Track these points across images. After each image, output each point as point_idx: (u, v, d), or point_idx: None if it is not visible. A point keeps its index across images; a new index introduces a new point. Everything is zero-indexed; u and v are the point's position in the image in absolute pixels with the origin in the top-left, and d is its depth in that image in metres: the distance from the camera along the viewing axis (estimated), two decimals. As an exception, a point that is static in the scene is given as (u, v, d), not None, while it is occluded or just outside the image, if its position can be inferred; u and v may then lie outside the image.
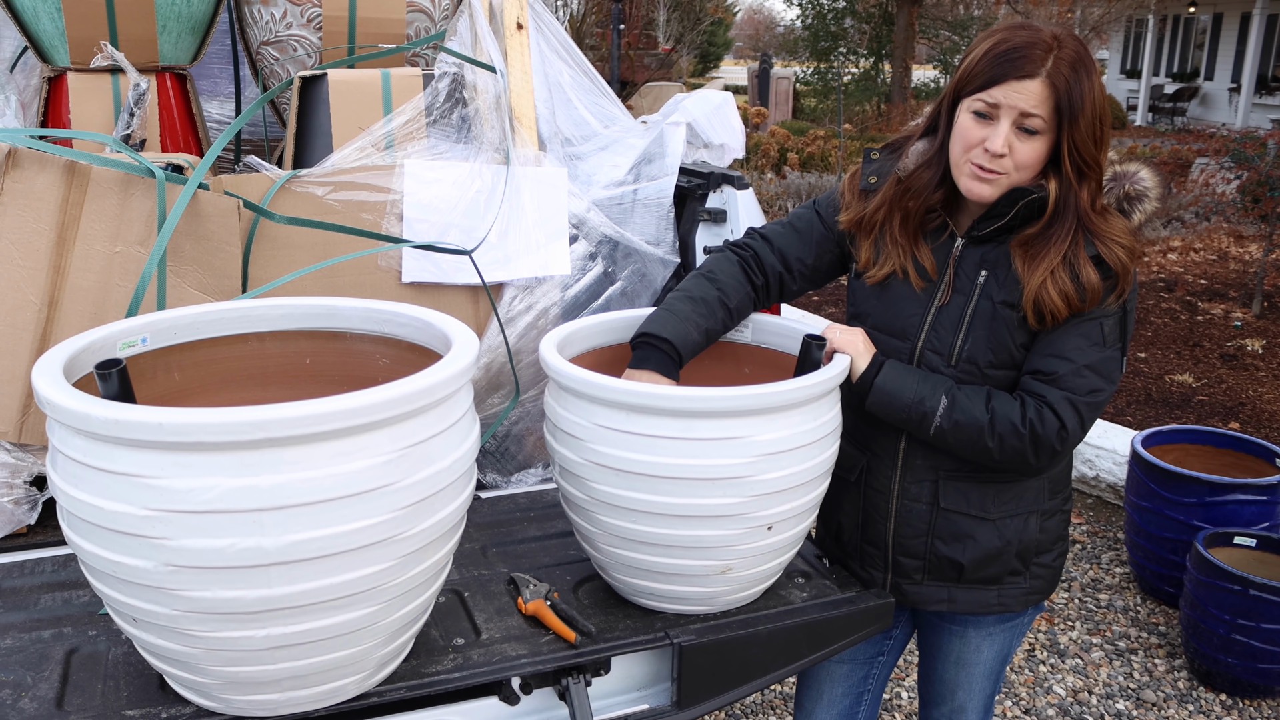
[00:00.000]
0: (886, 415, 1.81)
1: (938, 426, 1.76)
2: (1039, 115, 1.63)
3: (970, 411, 1.74)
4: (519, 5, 2.53)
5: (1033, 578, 1.94)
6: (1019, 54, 1.64)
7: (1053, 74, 1.62)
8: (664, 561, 1.74)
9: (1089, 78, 1.65)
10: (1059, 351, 1.72)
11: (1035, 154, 1.66)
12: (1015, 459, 1.75)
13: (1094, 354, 1.72)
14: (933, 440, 1.79)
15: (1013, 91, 1.64)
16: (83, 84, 2.62)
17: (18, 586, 1.92)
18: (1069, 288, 1.68)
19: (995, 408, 1.74)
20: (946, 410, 1.75)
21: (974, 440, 1.75)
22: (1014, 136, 1.66)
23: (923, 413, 1.76)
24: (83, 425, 1.33)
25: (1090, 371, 1.72)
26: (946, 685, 2.12)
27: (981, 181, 1.70)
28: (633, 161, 2.62)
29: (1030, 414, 1.72)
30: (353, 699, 1.59)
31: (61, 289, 2.10)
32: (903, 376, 1.79)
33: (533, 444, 2.44)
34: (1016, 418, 1.72)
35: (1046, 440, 1.72)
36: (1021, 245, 1.73)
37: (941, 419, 1.75)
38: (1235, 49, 21.53)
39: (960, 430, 1.75)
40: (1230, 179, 7.39)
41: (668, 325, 1.83)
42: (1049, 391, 1.72)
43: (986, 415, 1.73)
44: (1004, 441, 1.73)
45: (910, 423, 1.79)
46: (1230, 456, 3.89)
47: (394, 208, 2.29)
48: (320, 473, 1.35)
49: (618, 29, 10.20)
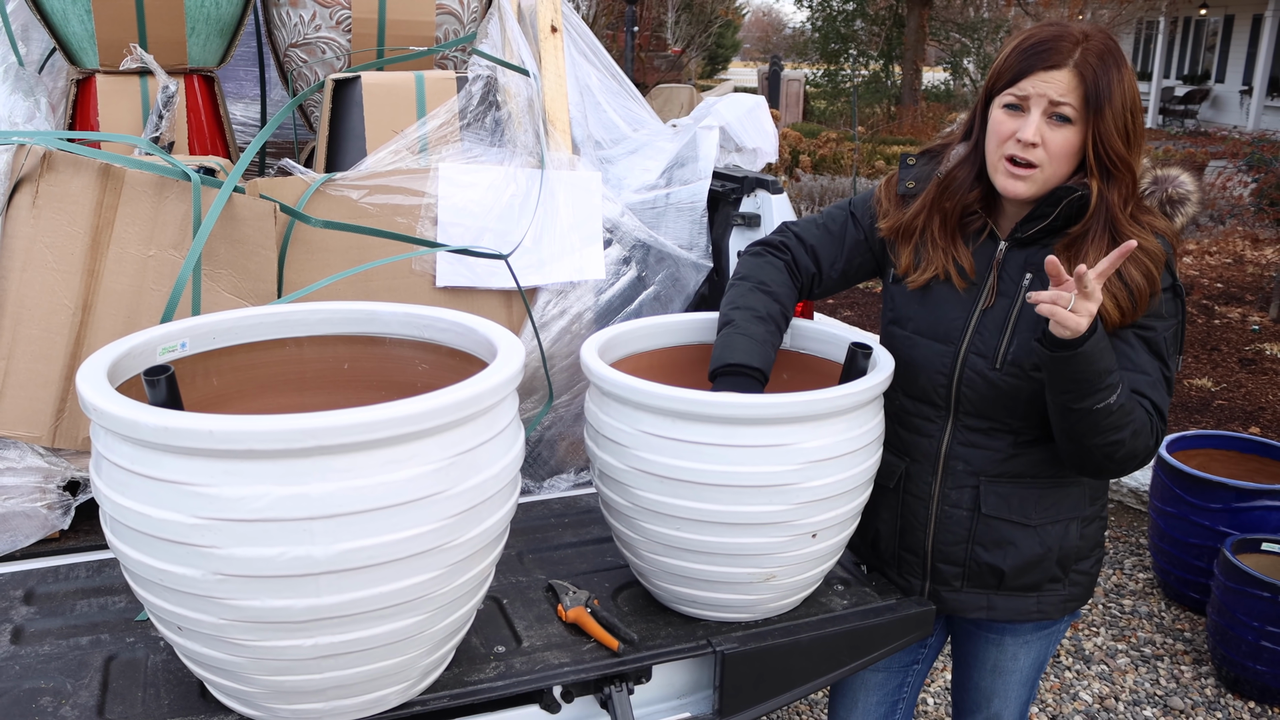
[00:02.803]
0: (1071, 374, 1.62)
1: (1110, 403, 1.63)
2: (1069, 103, 1.64)
3: (1131, 401, 1.67)
4: (553, 8, 2.53)
5: (1071, 585, 1.92)
6: (1046, 46, 1.66)
7: (1080, 64, 1.64)
8: (707, 569, 1.72)
9: (1118, 70, 1.65)
10: (1139, 365, 1.70)
11: (1068, 143, 1.66)
12: (1123, 459, 1.68)
13: (1160, 366, 1.72)
14: (1085, 415, 1.64)
15: (1041, 82, 1.65)
16: (111, 86, 2.62)
17: (53, 592, 1.92)
18: (1117, 289, 1.67)
19: (1137, 402, 1.69)
20: (1122, 390, 1.65)
21: (1119, 429, 1.65)
22: (1045, 126, 1.66)
23: (1109, 384, 1.63)
24: (131, 432, 1.33)
25: (1163, 383, 1.72)
26: (982, 693, 2.10)
27: (1015, 178, 1.70)
28: (664, 165, 2.61)
29: (1150, 419, 1.69)
30: (396, 708, 1.58)
31: (95, 292, 2.09)
32: (1105, 343, 1.63)
33: (565, 449, 2.43)
34: (1145, 419, 1.68)
35: (1148, 449, 1.69)
36: (1065, 249, 1.72)
37: (1117, 398, 1.64)
38: (1247, 51, 21.48)
39: (1122, 415, 1.64)
40: (1248, 182, 7.35)
41: (753, 352, 1.79)
42: (1143, 401, 1.69)
43: (1138, 410, 1.68)
44: (1136, 439, 1.67)
45: (1088, 390, 1.62)
46: (1255, 462, 3.87)
47: (428, 211, 2.28)
48: (371, 481, 1.34)
49: (631, 31, 10.19)
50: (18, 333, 2.03)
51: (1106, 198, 1.68)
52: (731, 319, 1.86)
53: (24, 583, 1.94)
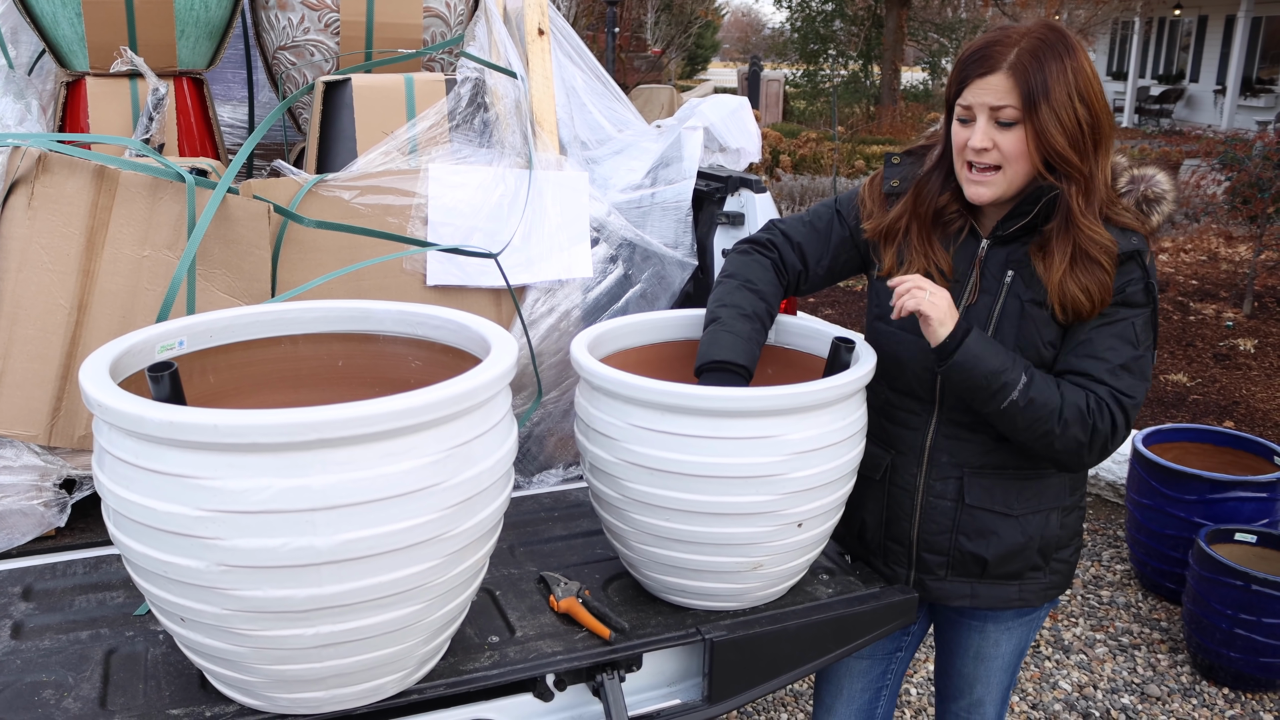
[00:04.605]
0: (962, 382, 1.75)
1: (1013, 401, 1.71)
2: (1009, 105, 1.67)
3: (1045, 392, 1.72)
4: (540, 11, 2.56)
5: (1051, 573, 1.97)
6: (980, 54, 1.71)
7: (1014, 65, 1.67)
8: (696, 559, 1.77)
9: (1059, 61, 1.67)
10: (1095, 352, 1.75)
11: (1019, 143, 1.69)
12: (1070, 448, 1.74)
13: (1128, 353, 1.75)
14: (998, 416, 1.75)
15: (980, 89, 1.69)
16: (101, 89, 2.63)
17: (51, 588, 1.94)
18: (1087, 282, 1.72)
19: (1065, 394, 1.73)
20: (1025, 386, 1.71)
21: (1041, 422, 1.72)
22: (995, 131, 1.70)
23: (1003, 384, 1.71)
24: (136, 427, 1.36)
25: (1125, 371, 1.75)
26: (965, 679, 2.15)
27: (977, 184, 1.75)
28: (649, 165, 2.65)
29: (1093, 405, 1.73)
30: (393, 696, 1.61)
31: (91, 293, 2.12)
32: (986, 345, 1.74)
33: (554, 444, 2.47)
34: (1083, 406, 1.72)
35: (1102, 434, 1.73)
36: (1038, 249, 1.77)
37: (1020, 394, 1.71)
38: (1220, 51, 21.71)
39: (1034, 409, 1.72)
40: (1221, 180, 7.46)
41: (738, 349, 1.83)
42: (1097, 388, 1.74)
43: (1059, 399, 1.72)
44: (1068, 428, 1.72)
45: (985, 393, 1.73)
46: (1229, 454, 3.94)
47: (419, 211, 2.31)
48: (370, 473, 1.38)
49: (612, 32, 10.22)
50: (14, 332, 2.06)
51: (1064, 196, 1.72)
52: (718, 316, 1.90)
53: (22, 579, 1.96)
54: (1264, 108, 20.06)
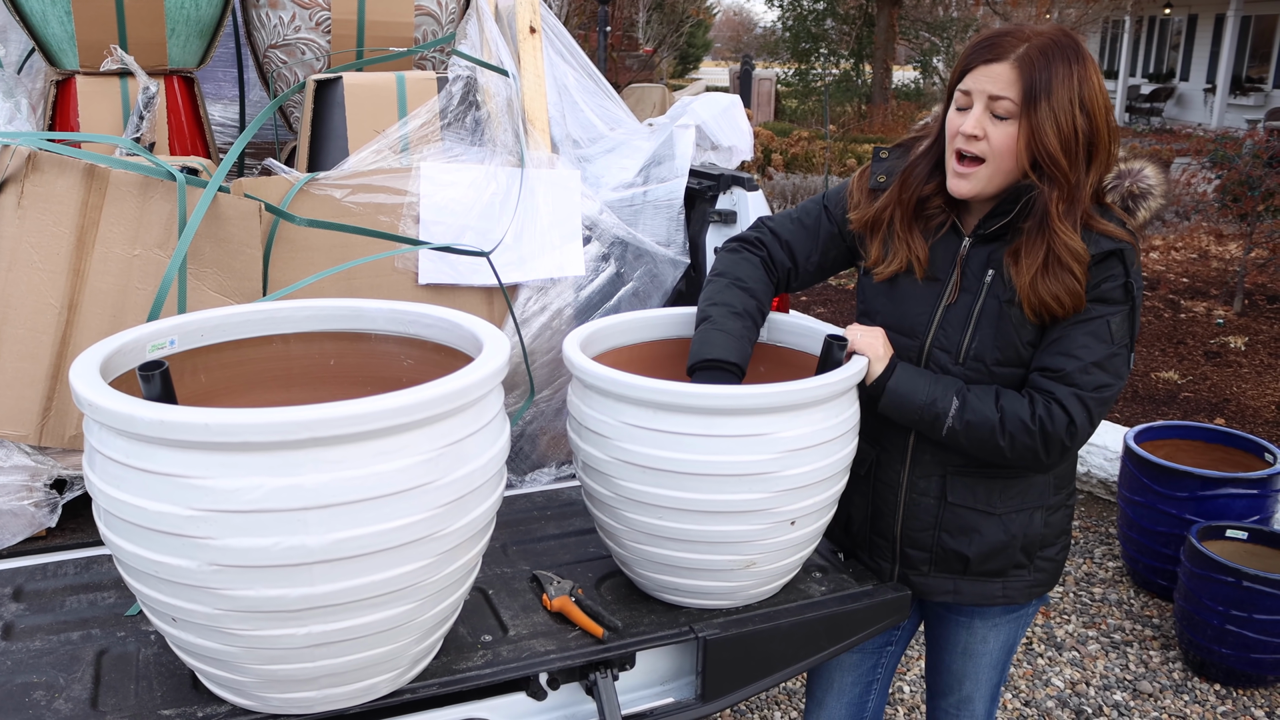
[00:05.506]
0: (900, 417, 1.84)
1: (950, 428, 1.78)
2: (1008, 97, 1.66)
3: (981, 411, 1.77)
4: (531, 9, 2.56)
5: (1036, 570, 1.97)
6: (989, 41, 1.70)
7: (1022, 58, 1.66)
8: (689, 557, 1.77)
9: (1067, 66, 1.66)
10: (1066, 349, 1.75)
11: (1009, 138, 1.68)
12: (1026, 456, 1.78)
13: (1102, 351, 1.74)
14: (945, 441, 1.82)
15: (982, 76, 1.69)
16: (91, 87, 2.63)
17: (42, 589, 1.93)
18: (1057, 289, 1.71)
19: (1004, 406, 1.76)
20: (958, 411, 1.77)
21: (986, 440, 1.78)
22: (988, 122, 1.69)
23: (935, 414, 1.79)
24: (127, 427, 1.35)
25: (1097, 368, 1.74)
26: (954, 676, 2.16)
27: (960, 177, 1.74)
28: (641, 163, 2.65)
29: (1039, 411, 1.75)
30: (386, 696, 1.61)
31: (81, 292, 2.11)
32: (915, 379, 1.81)
33: (547, 444, 2.47)
34: (1026, 415, 1.75)
35: (1056, 436, 1.75)
36: (1013, 254, 1.77)
37: (954, 420, 1.78)
38: (1210, 50, 21.79)
39: (972, 430, 1.78)
40: (1211, 178, 7.48)
41: (730, 348, 1.84)
42: (1057, 388, 1.75)
43: (997, 414, 1.76)
44: (1015, 440, 1.76)
45: (923, 424, 1.82)
46: (1220, 451, 3.96)
47: (410, 210, 2.31)
48: (363, 471, 1.38)
49: (604, 31, 10.22)
50: (4, 332, 2.05)
51: (1044, 198, 1.70)
52: (709, 315, 1.90)
53: (12, 580, 1.95)
54: (1254, 106, 20.14)
